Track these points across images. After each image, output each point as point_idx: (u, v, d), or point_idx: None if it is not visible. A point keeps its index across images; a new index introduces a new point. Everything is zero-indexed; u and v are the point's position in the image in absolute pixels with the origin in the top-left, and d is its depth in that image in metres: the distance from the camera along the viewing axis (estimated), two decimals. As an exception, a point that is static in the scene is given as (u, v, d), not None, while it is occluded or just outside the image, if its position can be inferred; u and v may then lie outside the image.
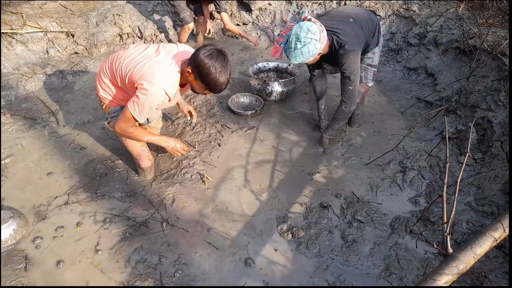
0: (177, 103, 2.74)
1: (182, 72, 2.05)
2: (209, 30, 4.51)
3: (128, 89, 2.15)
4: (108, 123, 2.36)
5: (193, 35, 4.59)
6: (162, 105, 2.11)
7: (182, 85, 2.17)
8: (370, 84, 2.90)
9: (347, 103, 2.61)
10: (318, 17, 2.68)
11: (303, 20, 2.30)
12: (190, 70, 1.97)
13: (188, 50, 2.16)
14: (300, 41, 2.24)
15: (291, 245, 2.10)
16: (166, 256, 2.00)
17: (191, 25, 4.05)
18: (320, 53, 2.42)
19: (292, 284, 1.90)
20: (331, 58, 2.55)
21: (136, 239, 2.09)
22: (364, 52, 2.71)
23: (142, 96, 1.98)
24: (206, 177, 2.52)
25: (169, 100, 2.08)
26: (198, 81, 1.98)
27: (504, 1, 3.59)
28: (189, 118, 2.78)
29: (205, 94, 2.09)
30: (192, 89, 2.12)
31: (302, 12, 2.31)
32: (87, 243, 2.05)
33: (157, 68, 2.00)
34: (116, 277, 1.89)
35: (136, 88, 2.01)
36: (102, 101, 2.33)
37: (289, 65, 3.65)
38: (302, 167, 2.67)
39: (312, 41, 2.25)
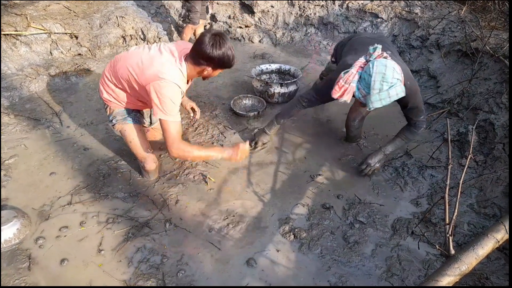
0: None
1: (191, 70, 2.10)
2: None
3: (137, 92, 2.16)
4: (113, 125, 2.36)
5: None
6: (180, 99, 2.12)
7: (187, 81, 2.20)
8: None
9: (418, 134, 2.44)
10: (343, 45, 2.52)
11: (376, 58, 1.97)
12: (206, 67, 2.05)
13: (187, 46, 2.17)
14: (386, 82, 1.90)
15: (293, 246, 2.10)
16: (169, 256, 2.01)
17: (196, 26, 4.12)
18: None
19: (294, 284, 1.90)
20: None
21: (139, 239, 2.10)
22: None
23: (162, 96, 2.00)
24: (209, 178, 2.53)
25: (182, 96, 2.13)
26: (217, 70, 2.11)
27: (507, 3, 3.60)
28: (192, 114, 2.78)
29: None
30: (204, 78, 2.21)
31: (375, 48, 2.01)
32: (90, 243, 2.06)
33: (165, 67, 2.02)
34: (119, 277, 1.90)
35: (149, 90, 2.02)
36: (106, 103, 2.33)
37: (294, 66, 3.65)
38: (304, 168, 2.68)
39: (398, 82, 1.92)
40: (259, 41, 4.78)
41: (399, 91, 1.93)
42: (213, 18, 4.85)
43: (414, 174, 2.60)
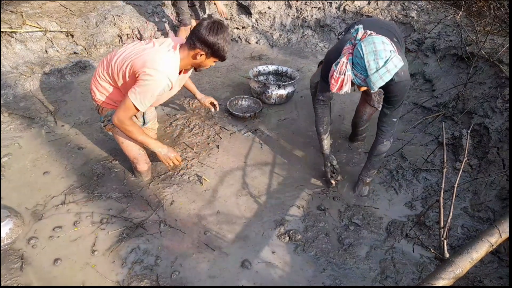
0: (198, 99, 2.88)
1: (185, 57, 2.09)
2: None
3: (128, 85, 2.14)
4: (105, 126, 2.34)
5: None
6: (163, 92, 2.10)
7: (180, 72, 2.19)
8: (380, 107, 2.64)
9: (390, 138, 2.28)
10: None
11: (361, 39, 1.82)
12: (200, 51, 2.04)
13: (183, 40, 2.18)
14: (381, 57, 1.75)
15: (288, 247, 2.10)
16: (163, 257, 2.00)
17: (189, 27, 4.15)
18: None
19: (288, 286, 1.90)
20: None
21: (133, 240, 2.08)
22: None
23: (145, 82, 1.98)
24: (204, 179, 2.52)
25: (171, 88, 2.10)
26: (211, 58, 2.10)
27: (502, 9, 3.63)
28: (212, 109, 2.94)
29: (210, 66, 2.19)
30: (197, 69, 2.20)
31: (357, 29, 1.85)
32: (83, 244, 2.05)
33: (158, 55, 2.02)
34: (113, 278, 1.88)
35: (137, 77, 2.01)
36: (98, 104, 2.29)
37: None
38: (299, 170, 2.68)
39: (392, 54, 1.77)
40: (256, 42, 4.77)
41: (397, 62, 1.78)
42: (210, 18, 4.83)
43: (408, 177, 2.61)
